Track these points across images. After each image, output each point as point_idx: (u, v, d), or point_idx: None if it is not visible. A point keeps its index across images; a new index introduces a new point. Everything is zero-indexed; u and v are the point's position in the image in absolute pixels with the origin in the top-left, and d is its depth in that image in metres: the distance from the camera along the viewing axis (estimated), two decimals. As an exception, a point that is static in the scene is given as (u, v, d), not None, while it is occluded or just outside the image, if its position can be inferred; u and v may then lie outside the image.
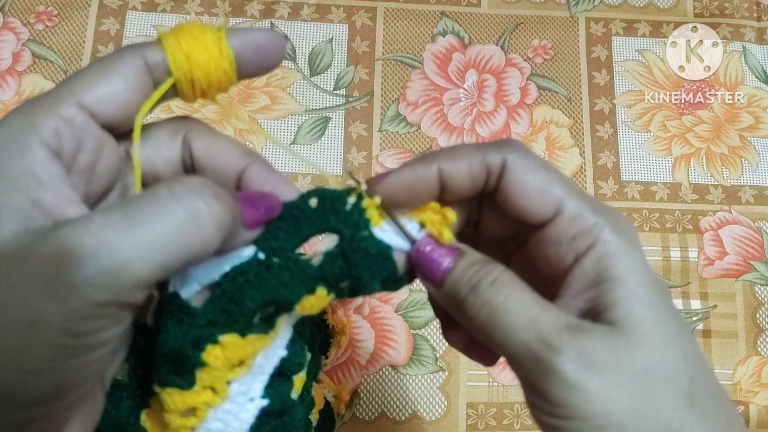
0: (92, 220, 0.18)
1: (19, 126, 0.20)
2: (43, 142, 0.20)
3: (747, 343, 0.53)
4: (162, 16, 0.57)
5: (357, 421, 0.49)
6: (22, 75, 0.55)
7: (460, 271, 0.23)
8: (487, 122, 0.57)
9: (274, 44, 0.23)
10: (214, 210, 0.19)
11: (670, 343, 0.21)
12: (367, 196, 0.24)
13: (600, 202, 0.24)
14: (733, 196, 0.56)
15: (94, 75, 0.22)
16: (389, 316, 0.52)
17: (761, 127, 0.58)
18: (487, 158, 0.23)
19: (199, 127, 0.25)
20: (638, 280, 0.22)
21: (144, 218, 0.18)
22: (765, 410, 0.52)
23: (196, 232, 0.19)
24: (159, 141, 0.24)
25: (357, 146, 0.55)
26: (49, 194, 0.20)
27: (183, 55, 0.22)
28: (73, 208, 0.20)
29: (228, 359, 0.22)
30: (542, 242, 0.24)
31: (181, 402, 0.22)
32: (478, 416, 0.50)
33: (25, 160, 0.20)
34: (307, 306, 0.23)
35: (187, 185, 0.19)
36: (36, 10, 0.56)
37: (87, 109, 0.21)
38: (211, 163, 0.25)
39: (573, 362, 0.20)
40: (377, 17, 0.59)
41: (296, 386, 0.26)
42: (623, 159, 0.57)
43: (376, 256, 0.23)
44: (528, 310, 0.22)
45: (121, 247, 0.18)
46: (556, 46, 0.59)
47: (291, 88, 0.56)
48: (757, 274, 0.55)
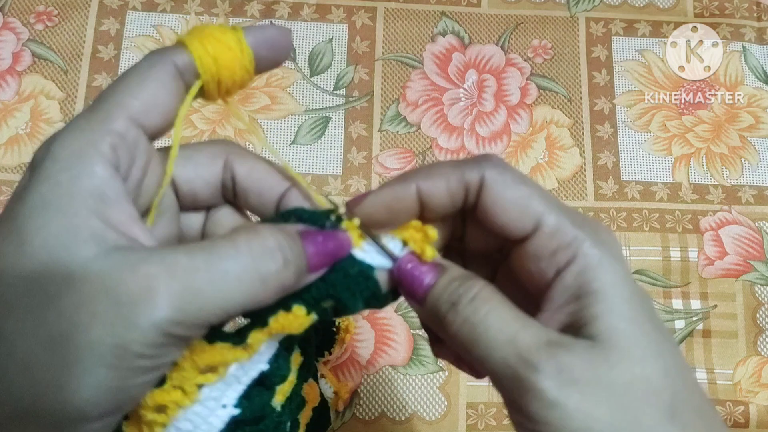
0: (177, 262, 0.19)
1: (79, 144, 0.20)
2: (104, 158, 0.20)
3: (747, 343, 0.53)
4: (162, 16, 0.57)
5: (357, 421, 0.49)
6: (22, 75, 0.55)
7: (440, 287, 0.23)
8: (487, 122, 0.57)
9: (284, 39, 0.24)
10: (281, 276, 0.21)
11: (651, 357, 0.21)
12: (346, 218, 0.24)
13: (581, 214, 0.24)
14: (733, 196, 0.56)
15: (134, 85, 0.22)
16: (389, 316, 0.52)
17: (761, 127, 0.58)
18: (465, 175, 0.23)
19: (240, 151, 0.26)
20: (619, 293, 0.22)
21: (223, 270, 0.20)
22: (765, 410, 0.52)
23: (261, 291, 0.21)
24: (199, 163, 0.25)
25: (357, 146, 0.55)
26: (116, 212, 0.20)
27: (209, 57, 0.23)
28: (137, 227, 0.21)
29: (195, 362, 0.22)
30: (523, 256, 0.24)
31: (152, 399, 0.22)
32: (478, 416, 0.50)
33: (91, 179, 0.20)
34: (284, 323, 0.23)
35: (264, 245, 0.21)
36: (36, 10, 0.56)
37: (136, 121, 0.22)
38: (256, 187, 0.26)
39: (552, 379, 0.20)
40: (377, 17, 0.59)
41: (280, 394, 0.26)
42: (623, 159, 0.57)
43: (356, 277, 0.23)
44: (507, 327, 0.21)
45: (200, 296, 0.19)
46: (556, 46, 0.59)
47: (291, 88, 0.56)
48: (757, 274, 0.55)
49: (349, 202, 0.25)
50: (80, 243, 0.19)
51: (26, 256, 0.19)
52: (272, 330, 0.23)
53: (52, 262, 0.19)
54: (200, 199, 0.26)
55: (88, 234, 0.19)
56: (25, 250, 0.19)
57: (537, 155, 0.56)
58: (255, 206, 0.26)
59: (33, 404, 0.19)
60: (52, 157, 0.20)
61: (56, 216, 0.19)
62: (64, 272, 0.19)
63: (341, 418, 0.49)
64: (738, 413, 0.52)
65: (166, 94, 0.22)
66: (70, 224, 0.19)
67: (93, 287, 0.19)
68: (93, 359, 0.18)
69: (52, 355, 0.18)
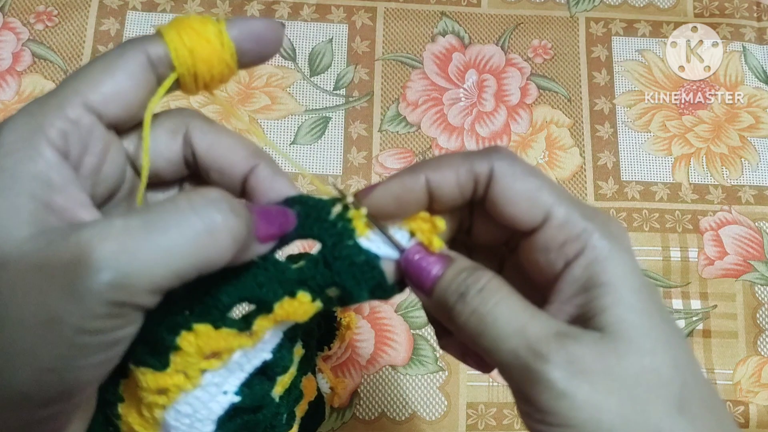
0: (112, 224, 0.18)
1: (27, 129, 0.20)
2: (52, 144, 0.20)
3: (747, 343, 0.53)
4: (162, 16, 0.57)
5: (357, 421, 0.49)
6: (22, 75, 0.55)
7: (448, 278, 0.23)
8: (487, 122, 0.57)
9: (272, 32, 0.24)
10: (229, 223, 0.20)
11: (660, 349, 0.21)
12: (353, 208, 0.24)
13: (590, 207, 0.23)
14: (733, 196, 0.56)
15: (98, 74, 0.21)
16: (389, 316, 0.52)
17: (761, 127, 0.58)
18: (474, 167, 0.23)
19: (200, 124, 0.25)
20: (628, 285, 0.22)
21: (163, 226, 0.19)
22: (765, 410, 0.52)
23: (212, 244, 0.19)
24: (159, 141, 0.24)
25: (357, 146, 0.55)
26: (62, 198, 0.20)
27: (186, 50, 0.22)
28: (85, 212, 0.20)
29: (200, 347, 0.22)
30: (532, 248, 0.23)
31: (154, 382, 0.22)
32: (478, 416, 0.50)
33: (35, 163, 0.20)
34: (289, 310, 0.23)
35: (206, 197, 0.20)
36: (36, 10, 0.56)
37: (93, 109, 0.21)
38: (216, 164, 0.25)
39: (562, 370, 0.20)
40: (377, 17, 0.59)
41: (279, 385, 0.26)
42: (623, 159, 0.57)
43: (361, 265, 0.23)
44: (516, 318, 0.21)
45: (139, 254, 0.18)
46: (556, 46, 0.59)
47: (291, 88, 0.56)
48: (757, 274, 0.55)
49: (357, 193, 0.24)
50: (17, 225, 0.19)
51: None
52: (277, 317, 0.23)
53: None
54: (164, 176, 0.25)
55: (27, 217, 0.19)
56: None
57: (537, 155, 0.56)
58: (217, 184, 0.25)
59: None
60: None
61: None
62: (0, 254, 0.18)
63: (341, 418, 0.49)
64: (738, 413, 0.52)
65: (132, 85, 0.22)
66: (10, 206, 0.19)
67: (25, 265, 0.18)
68: (31, 338, 0.18)
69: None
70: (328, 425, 0.49)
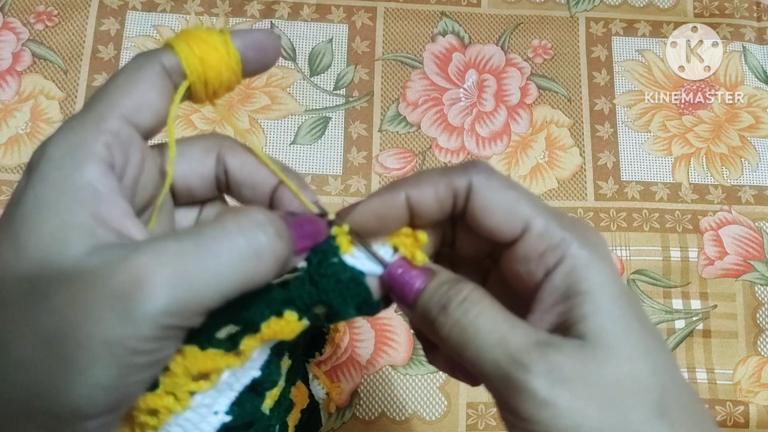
0: (167, 248, 0.19)
1: (72, 143, 0.21)
2: (97, 156, 0.21)
3: (747, 343, 0.53)
4: (162, 16, 0.57)
5: (357, 421, 0.49)
6: (22, 75, 0.55)
7: (430, 291, 0.23)
8: (487, 122, 0.57)
9: (271, 43, 0.25)
10: (274, 246, 0.21)
11: (639, 355, 0.21)
12: (336, 225, 0.25)
13: (568, 216, 0.24)
14: (733, 196, 0.56)
15: (125, 86, 0.22)
16: (389, 316, 0.52)
17: (761, 127, 0.58)
18: (453, 182, 0.24)
19: (232, 144, 0.26)
20: (607, 293, 0.22)
21: (215, 250, 0.20)
22: (765, 410, 0.52)
23: (258, 267, 0.20)
24: (193, 158, 0.26)
25: (357, 146, 0.55)
26: (109, 208, 0.20)
27: (196, 59, 0.23)
28: (130, 223, 0.21)
29: (187, 368, 0.22)
30: (513, 259, 0.24)
31: (144, 402, 0.22)
32: (478, 416, 0.50)
33: (82, 175, 0.20)
34: (276, 329, 0.23)
35: (253, 220, 0.21)
36: (36, 10, 0.56)
37: (129, 120, 0.22)
38: (248, 180, 0.26)
39: (543, 379, 0.20)
40: (377, 17, 0.59)
41: (269, 399, 0.26)
42: (623, 159, 0.57)
43: (347, 282, 0.24)
44: (497, 328, 0.22)
45: (194, 281, 0.19)
46: (556, 46, 0.59)
47: (291, 88, 0.56)
48: (757, 274, 0.55)
49: (339, 211, 0.25)
50: (72, 241, 0.19)
51: (22, 259, 0.19)
52: (264, 336, 0.23)
53: (46, 262, 0.19)
54: (196, 193, 0.26)
55: (80, 231, 0.19)
56: (20, 252, 0.19)
57: (537, 155, 0.56)
58: (249, 199, 0.27)
59: (30, 404, 0.19)
60: (46, 157, 0.20)
61: (49, 215, 0.19)
62: (56, 271, 0.19)
63: (341, 418, 0.49)
64: (738, 413, 0.52)
65: (156, 94, 0.22)
66: (62, 222, 0.19)
67: (84, 284, 0.19)
68: (88, 357, 0.18)
69: (47, 355, 0.18)
70: (328, 425, 0.49)
